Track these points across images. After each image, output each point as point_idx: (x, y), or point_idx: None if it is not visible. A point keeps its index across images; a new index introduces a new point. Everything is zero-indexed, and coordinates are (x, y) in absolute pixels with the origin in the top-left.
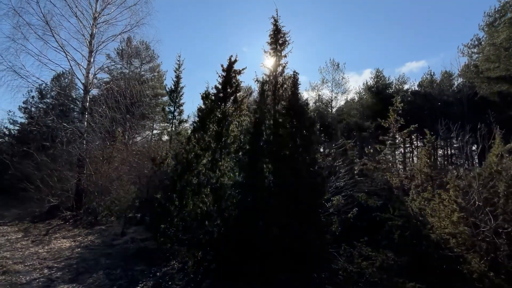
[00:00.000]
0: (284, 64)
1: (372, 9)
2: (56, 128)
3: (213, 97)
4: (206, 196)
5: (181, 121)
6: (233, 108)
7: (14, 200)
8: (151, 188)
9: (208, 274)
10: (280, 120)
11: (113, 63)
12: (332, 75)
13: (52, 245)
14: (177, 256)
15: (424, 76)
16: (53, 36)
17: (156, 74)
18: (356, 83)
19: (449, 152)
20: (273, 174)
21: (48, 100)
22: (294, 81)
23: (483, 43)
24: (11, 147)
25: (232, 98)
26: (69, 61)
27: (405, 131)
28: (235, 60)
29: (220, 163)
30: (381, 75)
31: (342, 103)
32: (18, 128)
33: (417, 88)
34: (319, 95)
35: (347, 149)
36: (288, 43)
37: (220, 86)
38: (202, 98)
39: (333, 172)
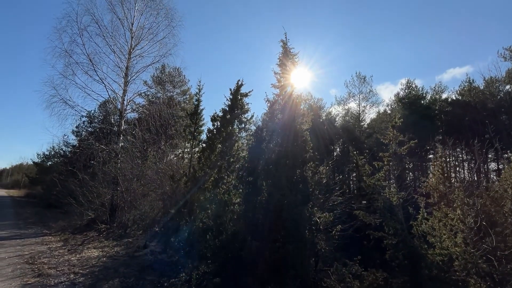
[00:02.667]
0: (293, 84)
1: (409, 14)
2: (96, 149)
3: (220, 119)
4: (211, 211)
5: (200, 141)
6: (238, 129)
7: (61, 214)
8: (172, 204)
9: (209, 286)
10: (279, 140)
11: (148, 89)
12: (359, 88)
13: (83, 254)
14: (185, 269)
15: (462, 84)
16: (95, 71)
17: (187, 96)
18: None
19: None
20: (267, 192)
21: (96, 125)
22: (294, 102)
23: None
24: (63, 166)
25: (238, 119)
26: (107, 91)
27: (404, 147)
28: (242, 84)
29: (224, 180)
30: (412, 85)
31: (374, 115)
32: (70, 149)
33: (458, 97)
34: (347, 109)
35: (359, 165)
36: (297, 64)
37: (227, 109)
38: (211, 120)
39: (329, 190)
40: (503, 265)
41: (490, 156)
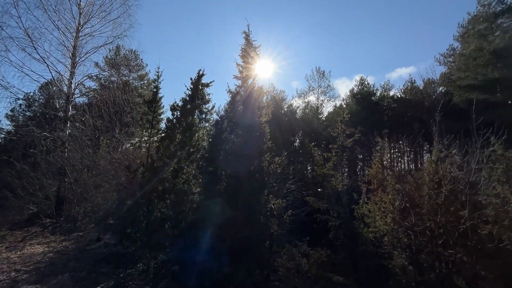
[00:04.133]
0: (255, 76)
1: (366, 15)
2: (37, 136)
3: (180, 108)
4: (170, 201)
5: (159, 130)
6: (199, 119)
7: None
8: (128, 195)
9: (167, 275)
10: (239, 132)
11: (101, 72)
12: (318, 82)
13: (25, 251)
14: (143, 259)
15: (406, 83)
16: (35, 48)
17: (145, 82)
18: (347, 88)
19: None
20: (226, 181)
21: (36, 109)
22: (255, 94)
23: (458, 52)
24: None
25: (198, 109)
26: (50, 72)
27: (350, 140)
28: (203, 74)
29: (184, 170)
30: (365, 82)
31: (331, 109)
32: (3, 136)
33: (402, 95)
34: (307, 102)
35: (313, 155)
36: (259, 57)
37: (188, 98)
38: (171, 109)
39: (284, 178)
40: (418, 239)
41: (425, 148)
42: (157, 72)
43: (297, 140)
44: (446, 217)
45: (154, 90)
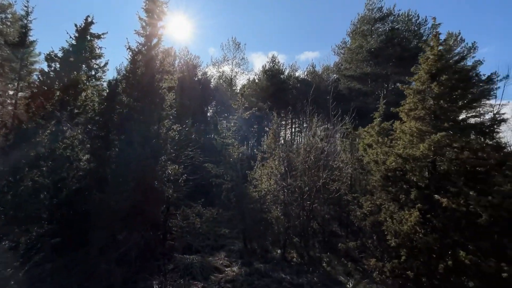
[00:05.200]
0: (160, 36)
1: None
2: None
3: (59, 59)
4: (46, 168)
5: (30, 84)
6: (87, 76)
7: None
8: None
9: (45, 248)
10: (138, 95)
11: None
12: (234, 53)
13: None
14: (9, 235)
15: (308, 67)
16: None
17: (9, 17)
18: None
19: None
20: (119, 146)
21: None
22: (159, 56)
23: (347, 46)
24: None
25: (86, 64)
26: None
27: (247, 112)
28: (92, 22)
29: (66, 134)
30: (276, 60)
31: (245, 82)
32: None
33: (305, 77)
34: (222, 72)
35: (217, 124)
36: (165, 14)
37: (71, 49)
38: (47, 59)
39: (184, 145)
40: (291, 195)
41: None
42: (26, 6)
43: (210, 110)
44: (310, 178)
45: (23, 30)
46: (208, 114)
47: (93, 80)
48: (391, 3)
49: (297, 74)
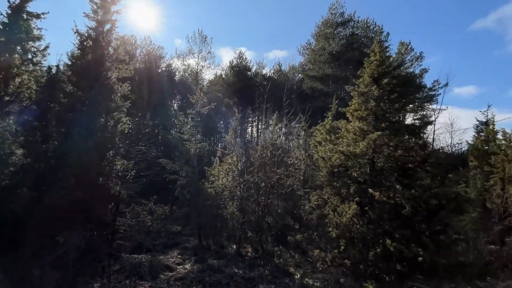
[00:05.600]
0: (114, 21)
1: None
2: None
3: None
4: None
5: None
6: (22, 60)
7: None
8: None
9: None
10: (83, 84)
11: None
12: (200, 46)
13: None
14: None
15: (275, 66)
16: None
17: None
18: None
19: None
20: (58, 139)
21: None
22: (112, 43)
23: (312, 47)
24: None
25: (21, 46)
26: None
27: (206, 107)
28: None
29: None
30: (243, 56)
31: (212, 77)
32: None
33: (271, 75)
34: (187, 65)
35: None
36: None
37: (1, 27)
38: None
39: (136, 139)
40: (248, 191)
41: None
42: None
43: (175, 104)
44: (266, 174)
45: None
46: (173, 109)
47: (30, 65)
48: (352, 9)
49: (264, 71)
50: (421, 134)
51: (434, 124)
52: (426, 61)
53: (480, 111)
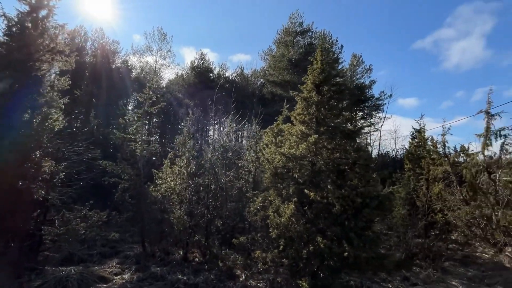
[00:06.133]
0: (51, 7)
1: None
2: None
3: None
4: None
5: None
6: None
7: None
8: None
9: None
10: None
11: None
12: (159, 44)
13: None
14: None
15: (237, 69)
16: None
17: None
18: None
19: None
20: None
21: None
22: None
23: (272, 53)
24: None
25: None
26: None
27: (155, 107)
28: None
29: None
30: (205, 58)
31: (172, 77)
32: None
33: (234, 78)
34: (145, 62)
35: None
36: None
37: None
38: None
39: (73, 138)
40: (197, 194)
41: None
42: None
43: (131, 103)
44: (216, 176)
45: None
46: (121, 107)
47: None
48: (311, 20)
49: (227, 74)
50: (356, 138)
51: (380, 131)
52: (375, 74)
53: (415, 120)
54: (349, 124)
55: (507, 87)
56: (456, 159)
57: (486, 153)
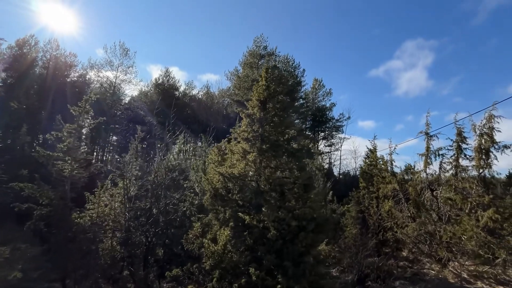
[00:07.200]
0: None
1: (200, 12)
2: None
3: None
4: None
5: None
6: None
7: None
8: None
9: None
10: None
11: None
12: (120, 59)
13: None
14: None
15: (203, 88)
16: None
17: None
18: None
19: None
20: None
21: None
22: None
23: (238, 74)
24: None
25: None
26: None
27: (91, 122)
28: None
29: None
30: (171, 75)
31: (135, 93)
32: None
33: (200, 97)
34: (106, 77)
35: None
36: None
37: None
38: None
39: None
40: (136, 220)
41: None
42: None
43: (87, 120)
44: (159, 198)
45: None
46: (85, 124)
47: None
48: (275, 44)
49: (193, 92)
50: (300, 157)
51: (340, 150)
52: (336, 98)
53: (369, 141)
54: (293, 143)
55: (448, 113)
56: (403, 177)
57: (428, 171)
